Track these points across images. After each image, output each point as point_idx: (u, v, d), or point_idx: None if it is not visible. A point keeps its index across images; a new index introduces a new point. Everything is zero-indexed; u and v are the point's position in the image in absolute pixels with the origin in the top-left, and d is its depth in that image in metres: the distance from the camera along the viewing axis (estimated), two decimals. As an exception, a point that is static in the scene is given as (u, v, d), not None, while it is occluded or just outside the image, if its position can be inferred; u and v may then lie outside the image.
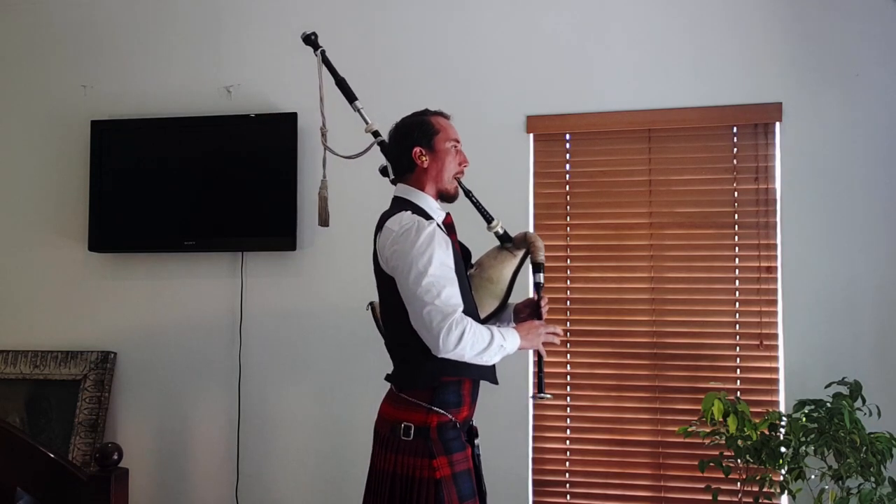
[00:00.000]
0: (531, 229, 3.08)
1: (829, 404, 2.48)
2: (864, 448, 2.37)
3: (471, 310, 1.96)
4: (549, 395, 2.18)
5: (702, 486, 2.73)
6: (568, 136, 3.11)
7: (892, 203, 2.83)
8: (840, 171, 2.87)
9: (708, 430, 2.62)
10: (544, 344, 2.08)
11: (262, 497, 3.24)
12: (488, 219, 2.23)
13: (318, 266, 3.25)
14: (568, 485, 3.04)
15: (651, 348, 2.98)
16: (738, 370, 2.92)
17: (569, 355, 3.05)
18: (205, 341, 3.32)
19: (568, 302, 3.07)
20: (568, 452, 3.04)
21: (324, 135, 2.32)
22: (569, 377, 3.05)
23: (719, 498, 2.62)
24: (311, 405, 3.24)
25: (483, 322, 2.02)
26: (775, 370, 2.89)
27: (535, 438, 3.06)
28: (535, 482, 3.05)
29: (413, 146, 2.02)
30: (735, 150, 2.97)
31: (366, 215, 3.23)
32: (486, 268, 2.18)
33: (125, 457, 1.74)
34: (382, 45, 3.20)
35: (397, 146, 2.07)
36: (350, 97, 2.31)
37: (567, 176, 3.12)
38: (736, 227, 2.96)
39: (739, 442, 2.53)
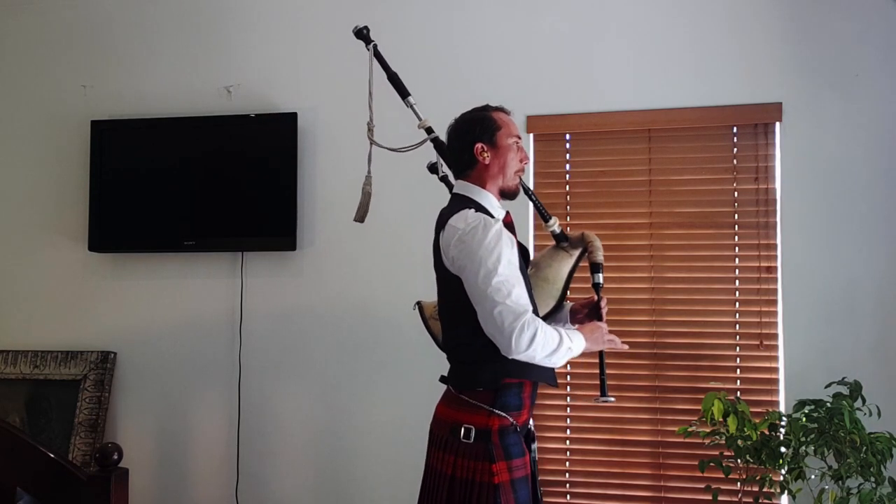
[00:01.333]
0: (531, 229, 3.08)
1: (829, 404, 2.48)
2: (864, 448, 2.37)
3: (534, 310, 1.92)
4: (612, 398, 2.14)
5: (702, 486, 2.73)
6: (568, 136, 3.11)
7: (892, 203, 2.83)
8: (840, 171, 2.87)
9: (708, 430, 2.62)
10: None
11: (262, 497, 3.24)
12: (545, 217, 2.20)
13: (318, 266, 3.25)
14: (568, 485, 3.03)
15: (651, 348, 2.98)
16: (738, 370, 2.92)
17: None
18: (205, 341, 3.32)
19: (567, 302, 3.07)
20: (568, 452, 3.04)
21: (371, 129, 2.26)
22: (569, 377, 3.05)
23: (719, 498, 2.62)
24: (311, 405, 3.24)
25: None
26: (775, 370, 2.89)
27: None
28: (535, 482, 3.05)
29: (475, 142, 1.97)
30: (735, 150, 2.97)
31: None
32: (541, 267, 2.15)
33: (125, 457, 1.74)
34: (382, 45, 3.18)
35: (458, 142, 2.02)
36: (402, 93, 2.27)
37: (567, 176, 3.12)
38: (736, 227, 2.96)
39: (739, 442, 2.53)
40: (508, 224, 2.01)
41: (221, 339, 3.31)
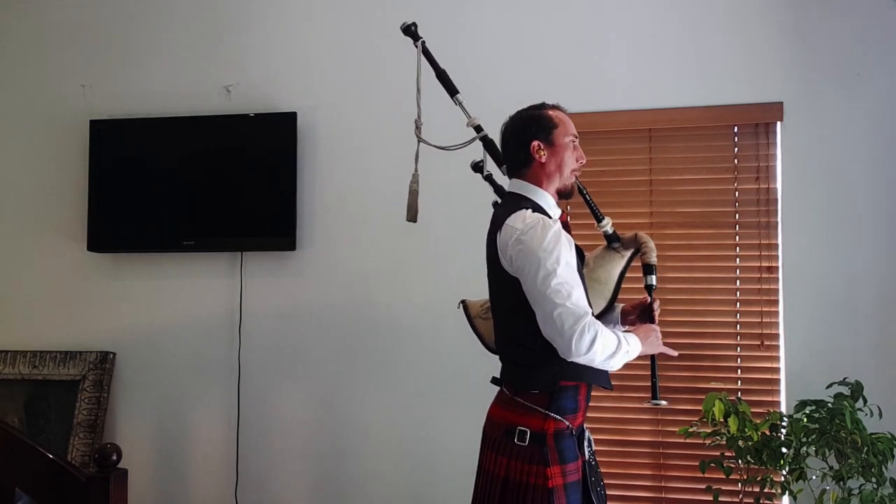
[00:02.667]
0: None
1: (830, 405, 2.48)
2: (866, 448, 2.37)
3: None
4: (664, 402, 2.13)
5: (702, 486, 2.73)
6: (568, 136, 3.10)
7: (892, 202, 2.83)
8: (841, 171, 2.86)
9: (709, 430, 2.62)
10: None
11: (262, 497, 3.23)
12: (598, 218, 2.17)
13: (317, 266, 3.25)
14: (568, 485, 3.03)
15: (651, 348, 2.97)
16: (739, 370, 2.92)
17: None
18: (204, 341, 3.32)
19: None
20: (568, 453, 3.03)
21: (418, 127, 2.21)
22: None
23: (720, 498, 2.62)
24: (311, 405, 3.23)
25: None
26: (776, 370, 2.88)
27: (535, 439, 3.05)
28: (535, 483, 3.04)
29: (531, 140, 1.95)
30: (736, 149, 2.97)
31: (365, 215, 3.24)
32: (593, 268, 2.12)
33: (124, 457, 1.73)
34: (380, 45, 3.19)
35: (514, 139, 1.99)
36: (451, 90, 2.24)
37: (567, 176, 3.11)
38: (737, 226, 2.95)
39: (740, 442, 2.53)
40: (564, 223, 1.98)
41: (221, 339, 3.30)
